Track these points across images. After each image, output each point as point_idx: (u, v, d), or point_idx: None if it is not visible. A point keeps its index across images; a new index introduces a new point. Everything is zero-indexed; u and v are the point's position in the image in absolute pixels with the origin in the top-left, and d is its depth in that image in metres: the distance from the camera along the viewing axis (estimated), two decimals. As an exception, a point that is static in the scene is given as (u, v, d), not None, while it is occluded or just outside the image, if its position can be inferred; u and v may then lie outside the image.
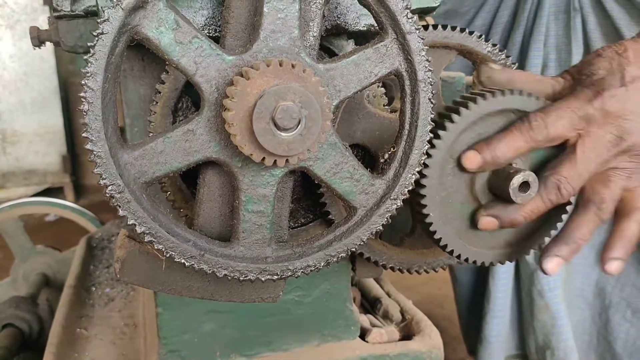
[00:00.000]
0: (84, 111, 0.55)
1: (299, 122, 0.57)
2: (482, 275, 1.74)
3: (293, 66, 0.57)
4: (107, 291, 1.30)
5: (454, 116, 0.70)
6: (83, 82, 0.55)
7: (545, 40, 1.45)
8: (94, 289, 1.32)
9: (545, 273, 0.77)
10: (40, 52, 4.34)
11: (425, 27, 0.82)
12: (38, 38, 0.83)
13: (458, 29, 0.83)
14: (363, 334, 0.95)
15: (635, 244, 0.78)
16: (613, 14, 1.35)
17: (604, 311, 1.57)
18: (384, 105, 0.79)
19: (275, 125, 0.56)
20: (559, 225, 0.81)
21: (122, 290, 1.30)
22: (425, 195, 0.72)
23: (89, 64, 0.55)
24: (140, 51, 0.73)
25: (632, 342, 1.53)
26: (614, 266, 0.77)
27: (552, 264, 0.77)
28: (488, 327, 1.65)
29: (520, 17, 1.48)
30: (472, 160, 0.72)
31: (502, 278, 1.61)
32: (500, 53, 0.85)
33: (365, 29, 0.73)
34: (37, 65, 4.42)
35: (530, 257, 1.56)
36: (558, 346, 1.57)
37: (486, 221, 0.74)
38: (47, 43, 0.85)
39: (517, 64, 0.87)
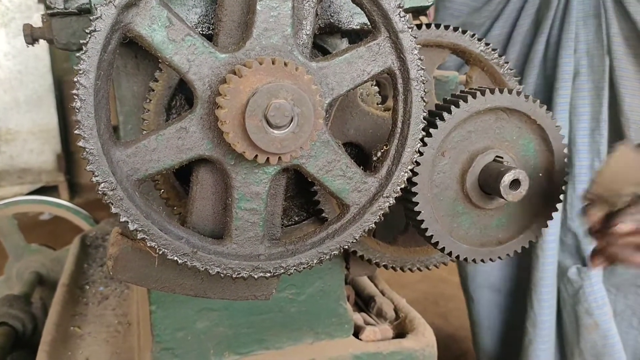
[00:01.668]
0: (77, 108, 0.55)
1: (292, 120, 0.57)
2: (508, 295, 1.60)
3: (286, 64, 0.58)
4: (101, 289, 1.30)
5: (445, 114, 0.71)
6: (75, 80, 0.55)
7: (575, 47, 1.39)
8: (87, 287, 1.32)
9: None
10: (35, 50, 4.31)
11: (419, 26, 0.82)
12: (31, 35, 0.83)
13: (451, 28, 0.83)
14: (357, 332, 0.96)
15: None
16: (637, 17, 1.30)
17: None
18: (377, 104, 0.80)
19: (268, 122, 0.56)
20: (549, 223, 0.81)
21: (116, 288, 1.30)
22: (416, 193, 0.72)
23: (81, 61, 0.55)
24: (134, 48, 0.73)
25: None
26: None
27: None
28: (535, 355, 1.49)
29: (543, 25, 1.43)
30: None
31: (547, 299, 1.47)
32: (493, 52, 0.86)
33: (358, 27, 0.73)
34: (31, 63, 4.41)
35: (573, 274, 1.46)
36: None
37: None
38: (42, 41, 0.85)
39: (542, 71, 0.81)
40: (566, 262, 1.48)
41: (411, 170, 0.67)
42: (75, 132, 0.56)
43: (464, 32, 0.83)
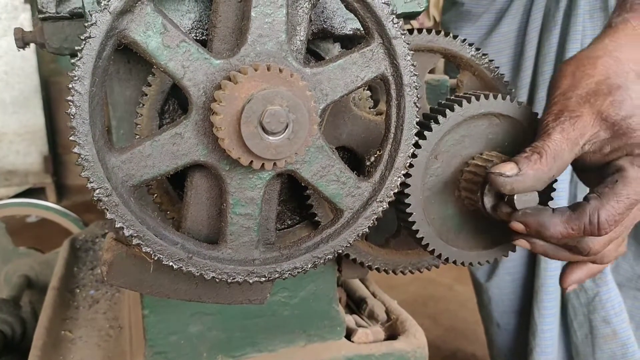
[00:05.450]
0: (72, 115, 0.55)
1: (287, 126, 0.58)
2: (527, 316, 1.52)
3: (281, 70, 0.58)
4: (91, 293, 1.29)
5: (439, 118, 0.71)
6: (70, 86, 0.55)
7: (581, 41, 1.30)
8: (78, 290, 1.31)
9: None
10: (21, 51, 4.27)
11: (410, 31, 0.83)
12: (22, 40, 0.83)
13: (442, 33, 0.84)
14: (349, 334, 0.96)
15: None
16: None
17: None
18: (369, 108, 0.80)
19: (263, 129, 0.57)
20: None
21: (106, 292, 1.29)
22: (408, 194, 0.73)
23: (76, 68, 0.55)
24: (126, 53, 0.73)
25: None
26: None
27: None
28: None
29: (556, 16, 1.34)
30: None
31: (549, 307, 1.41)
32: (483, 57, 0.86)
33: (351, 33, 0.74)
34: (18, 64, 4.36)
35: (587, 281, 1.34)
36: None
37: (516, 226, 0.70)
38: (29, 41, 0.84)
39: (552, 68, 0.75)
40: None
41: (404, 173, 0.68)
42: (70, 138, 0.56)
43: (455, 37, 0.84)
